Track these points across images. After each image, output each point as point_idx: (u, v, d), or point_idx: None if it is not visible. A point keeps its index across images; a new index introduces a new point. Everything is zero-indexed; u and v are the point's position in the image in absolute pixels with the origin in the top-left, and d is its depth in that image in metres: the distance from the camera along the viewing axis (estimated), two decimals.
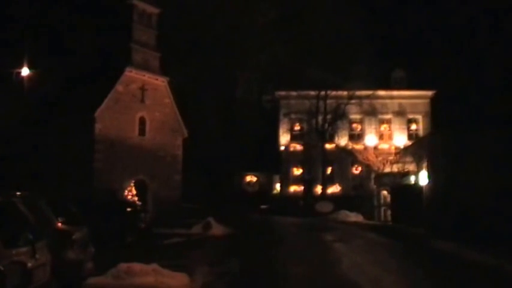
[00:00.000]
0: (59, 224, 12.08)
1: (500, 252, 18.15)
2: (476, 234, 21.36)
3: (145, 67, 34.30)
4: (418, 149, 37.84)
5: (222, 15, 50.26)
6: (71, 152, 30.78)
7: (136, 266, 13.35)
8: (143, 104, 34.33)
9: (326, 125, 48.76)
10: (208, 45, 50.75)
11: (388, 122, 51.61)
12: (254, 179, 54.93)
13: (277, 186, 53.01)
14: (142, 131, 34.37)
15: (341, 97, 47.91)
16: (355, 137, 51.47)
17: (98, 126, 31.61)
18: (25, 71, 27.03)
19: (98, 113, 31.40)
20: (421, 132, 50.58)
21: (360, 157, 49.46)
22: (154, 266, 13.58)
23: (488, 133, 25.38)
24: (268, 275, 15.62)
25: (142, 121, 34.39)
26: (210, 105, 52.82)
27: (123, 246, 21.49)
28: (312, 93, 48.11)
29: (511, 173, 21.41)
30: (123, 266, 13.29)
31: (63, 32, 35.22)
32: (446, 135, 30.09)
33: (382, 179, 44.52)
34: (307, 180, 49.58)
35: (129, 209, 25.92)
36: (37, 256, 9.63)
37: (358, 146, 50.61)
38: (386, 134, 51.51)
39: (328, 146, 49.13)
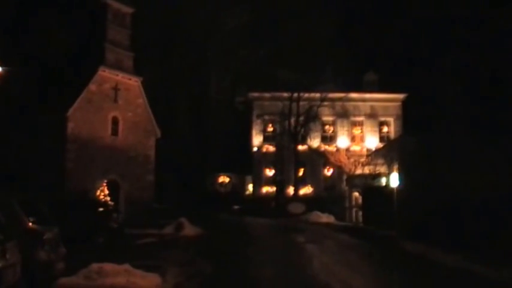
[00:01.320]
0: (30, 224, 12.04)
1: (469, 253, 18.48)
2: (446, 235, 21.69)
3: (118, 67, 34.14)
4: (389, 151, 38.21)
5: (195, 16, 50.28)
6: (42, 152, 30.50)
7: (108, 267, 13.36)
8: (116, 103, 34.17)
9: (298, 127, 48.95)
10: (181, 46, 50.72)
11: (360, 124, 52.06)
12: (227, 179, 54.89)
13: (250, 187, 53.07)
14: (115, 131, 34.20)
15: (313, 99, 48.11)
16: (328, 138, 51.78)
17: (70, 126, 31.36)
18: None
19: (70, 113, 31.16)
20: (392, 135, 51.10)
21: (331, 159, 49.77)
22: (126, 266, 13.60)
23: (457, 136, 25.77)
24: (239, 275, 15.72)
25: (115, 121, 34.22)
26: (182, 105, 52.81)
27: (95, 246, 21.42)
28: (285, 95, 48.23)
29: (480, 175, 21.75)
30: (95, 266, 13.29)
31: (35, 30, 34.86)
32: (416, 137, 30.51)
33: (353, 180, 44.81)
34: (279, 182, 49.74)
35: (101, 209, 25.83)
36: (7, 256, 9.60)
37: (330, 148, 50.95)
38: (358, 136, 51.94)
39: (300, 147, 49.34)
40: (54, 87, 31.75)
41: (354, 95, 49.62)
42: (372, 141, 51.08)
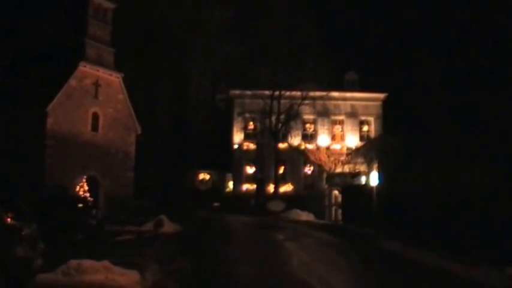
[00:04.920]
0: (8, 220, 11.97)
1: (446, 252, 18.67)
2: (423, 234, 21.89)
3: (99, 62, 33.97)
4: (369, 150, 38.46)
5: (176, 12, 50.14)
6: (21, 147, 30.24)
7: (87, 263, 13.34)
8: (96, 99, 34.00)
9: (279, 125, 49.08)
10: (162, 42, 50.57)
11: (341, 123, 52.33)
12: (207, 176, 54.94)
13: (230, 184, 53.14)
14: (95, 127, 34.02)
15: (294, 97, 48.29)
16: (308, 137, 51.98)
17: (49, 121, 31.12)
18: None
19: (50, 108, 30.92)
20: (372, 134, 51.41)
21: (312, 157, 49.93)
22: (105, 263, 13.59)
23: (436, 135, 26.00)
24: (218, 272, 15.76)
25: (95, 117, 34.04)
26: (163, 102, 52.67)
27: (74, 242, 21.35)
28: (266, 93, 48.36)
29: (459, 174, 21.99)
30: (73, 262, 13.27)
31: (16, 24, 34.59)
32: (395, 137, 30.74)
33: (333, 179, 45.03)
34: (259, 179, 49.82)
35: (80, 205, 25.74)
36: None
37: (311, 146, 51.12)
38: (338, 135, 52.21)
39: (281, 145, 49.47)
40: (34, 82, 31.49)
41: (334, 93, 49.87)
42: (352, 140, 51.36)
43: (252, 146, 51.28)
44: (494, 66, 38.32)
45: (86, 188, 31.80)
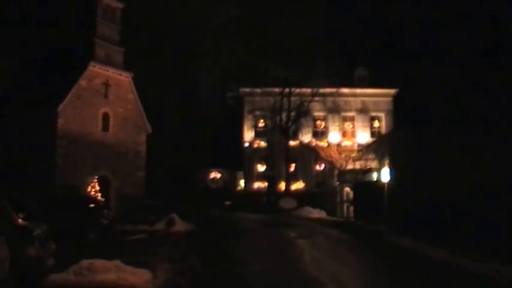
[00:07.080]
0: (20, 221, 12.00)
1: (457, 248, 18.56)
2: (434, 230, 21.78)
3: (108, 62, 34.05)
4: (380, 146, 38.36)
5: (185, 11, 50.17)
6: (32, 148, 30.37)
7: (98, 263, 13.36)
8: (106, 99, 34.07)
9: (290, 122, 48.92)
10: (171, 41, 50.61)
11: (351, 119, 52.12)
12: (218, 175, 54.90)
13: (241, 182, 53.08)
14: (105, 127, 34.12)
15: (305, 94, 48.18)
16: (319, 134, 51.84)
17: (60, 122, 31.21)
18: None
19: (60, 108, 31.00)
20: (383, 130, 51.19)
21: (323, 154, 49.77)
22: (117, 262, 13.59)
23: (445, 132, 25.89)
24: (229, 271, 15.74)
25: (105, 117, 34.13)
26: (173, 101, 52.73)
27: (86, 242, 21.40)
28: (276, 90, 48.23)
29: (470, 171, 21.88)
30: (85, 262, 13.29)
31: (25, 25, 34.71)
32: (406, 133, 30.61)
33: (344, 175, 44.86)
34: (270, 177, 49.72)
35: (91, 205, 25.78)
36: None
37: (322, 143, 50.96)
38: (349, 131, 52.02)
39: (291, 142, 49.30)
40: (44, 82, 31.62)
41: (345, 90, 49.66)
42: (363, 137, 51.18)
43: (262, 143, 51.19)
44: (504, 62, 38.02)
45: (97, 187, 31.85)
